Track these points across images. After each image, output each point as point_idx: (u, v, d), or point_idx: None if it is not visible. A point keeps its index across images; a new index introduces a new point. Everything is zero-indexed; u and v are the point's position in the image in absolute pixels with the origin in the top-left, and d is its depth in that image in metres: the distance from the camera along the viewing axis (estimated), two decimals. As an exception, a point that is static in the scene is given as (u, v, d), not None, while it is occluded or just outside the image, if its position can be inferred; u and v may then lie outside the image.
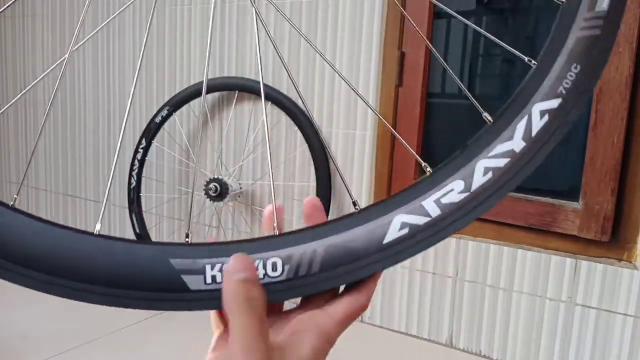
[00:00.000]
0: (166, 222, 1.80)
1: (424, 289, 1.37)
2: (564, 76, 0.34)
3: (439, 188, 0.33)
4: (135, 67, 1.81)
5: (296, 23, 1.48)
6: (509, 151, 0.33)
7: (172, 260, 0.30)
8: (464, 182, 0.33)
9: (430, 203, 0.33)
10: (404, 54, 1.35)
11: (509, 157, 0.33)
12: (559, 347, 1.22)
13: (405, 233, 0.32)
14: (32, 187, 2.18)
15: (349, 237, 0.32)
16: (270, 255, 0.31)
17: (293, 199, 1.54)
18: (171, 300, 0.30)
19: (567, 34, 0.34)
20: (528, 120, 0.33)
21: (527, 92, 0.34)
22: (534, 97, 0.34)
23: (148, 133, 1.64)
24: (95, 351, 1.26)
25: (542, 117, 0.33)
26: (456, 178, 0.33)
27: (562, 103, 0.33)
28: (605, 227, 1.15)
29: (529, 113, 0.34)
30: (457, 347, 1.34)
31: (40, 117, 2.11)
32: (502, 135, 0.34)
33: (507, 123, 0.34)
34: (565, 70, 0.34)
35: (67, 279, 0.29)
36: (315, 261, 0.31)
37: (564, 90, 0.34)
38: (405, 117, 1.37)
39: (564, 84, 0.34)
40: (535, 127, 0.33)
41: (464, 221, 0.33)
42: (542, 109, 0.34)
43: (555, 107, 0.33)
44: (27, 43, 2.10)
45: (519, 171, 0.33)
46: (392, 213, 0.33)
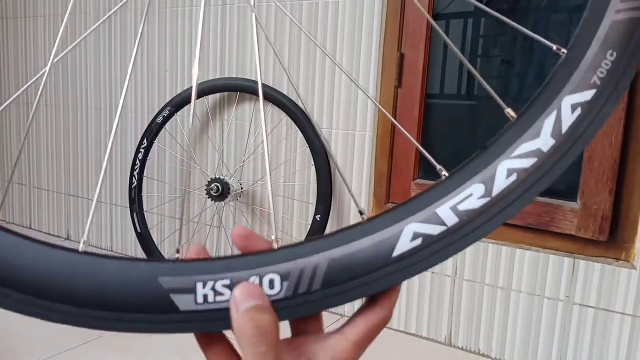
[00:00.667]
0: (167, 221, 1.81)
1: (423, 288, 1.38)
2: (599, 64, 0.30)
3: (455, 193, 0.30)
4: (136, 67, 1.82)
5: (296, 24, 1.49)
6: (536, 150, 0.30)
7: (161, 279, 0.28)
8: (485, 185, 0.30)
9: (446, 210, 0.29)
10: (403, 55, 1.36)
11: (536, 156, 0.30)
12: (557, 345, 1.23)
13: (418, 244, 0.29)
14: (34, 187, 2.19)
15: (354, 250, 0.29)
16: (268, 271, 0.28)
17: (293, 199, 1.55)
18: (159, 323, 0.27)
19: (602, 17, 0.31)
20: (557, 115, 0.30)
21: (555, 83, 0.31)
22: (564, 90, 0.30)
23: (149, 133, 1.65)
24: (93, 351, 1.27)
25: (574, 111, 0.30)
26: (475, 181, 0.30)
27: (597, 95, 0.30)
28: (603, 227, 1.16)
29: (558, 107, 0.30)
30: (455, 345, 1.35)
31: (41, 118, 2.12)
32: (528, 132, 0.30)
33: (533, 119, 0.30)
34: (600, 58, 0.30)
35: (45, 299, 0.27)
36: (317, 277, 0.28)
37: (599, 81, 0.30)
38: (405, 118, 1.38)
39: (599, 73, 0.30)
40: (565, 122, 0.30)
41: (485, 229, 0.29)
42: (573, 102, 0.30)
43: (589, 99, 0.30)
44: (29, 44, 2.11)
45: (548, 171, 0.30)
46: (403, 222, 0.29)
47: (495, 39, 1.36)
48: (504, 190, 0.30)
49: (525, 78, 1.27)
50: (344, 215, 1.47)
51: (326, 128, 1.48)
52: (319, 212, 1.44)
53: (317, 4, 1.45)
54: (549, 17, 1.24)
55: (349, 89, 1.43)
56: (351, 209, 1.46)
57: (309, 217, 1.53)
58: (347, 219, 1.47)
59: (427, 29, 1.33)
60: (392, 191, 1.42)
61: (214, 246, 1.72)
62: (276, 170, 1.58)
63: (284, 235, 1.58)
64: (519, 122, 0.31)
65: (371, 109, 1.40)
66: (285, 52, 1.52)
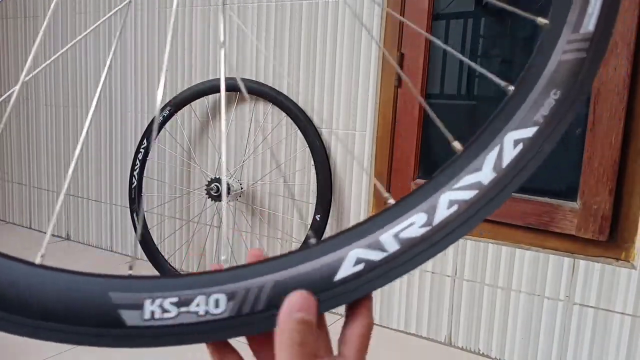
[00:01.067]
0: (167, 221, 1.81)
1: (423, 288, 1.38)
2: (542, 103, 0.32)
3: (399, 221, 0.31)
4: (136, 68, 1.82)
5: (296, 24, 1.49)
6: (477, 183, 0.31)
7: (112, 294, 0.29)
8: (427, 215, 0.31)
9: (389, 237, 0.30)
10: (403, 55, 1.36)
11: (477, 189, 0.31)
12: (557, 345, 1.23)
13: (360, 269, 0.30)
14: (34, 187, 2.19)
15: (300, 273, 0.30)
16: (214, 291, 0.29)
17: (293, 199, 1.55)
18: (107, 337, 0.28)
19: (549, 57, 0.32)
20: (500, 150, 0.31)
21: (500, 120, 0.32)
22: (508, 126, 0.32)
23: (150, 133, 1.65)
24: (92, 351, 1.27)
25: (516, 146, 0.31)
26: (419, 211, 0.31)
27: (538, 132, 0.31)
28: (603, 227, 1.16)
29: (501, 142, 0.32)
30: (455, 345, 1.35)
31: (41, 118, 2.12)
32: (470, 166, 0.32)
33: (476, 153, 0.32)
34: (544, 96, 0.32)
35: (0, 310, 0.28)
36: (261, 298, 0.29)
37: (542, 119, 0.31)
38: (405, 118, 1.38)
39: (542, 111, 0.31)
40: (507, 157, 0.31)
41: (425, 256, 0.31)
42: (516, 138, 0.31)
43: (531, 136, 0.31)
44: (29, 44, 2.11)
45: (488, 204, 0.31)
46: (347, 248, 0.30)
47: (495, 39, 1.37)
48: (444, 220, 0.31)
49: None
50: (343, 215, 1.47)
51: (326, 128, 1.48)
52: (319, 212, 1.44)
53: (317, 4, 1.45)
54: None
55: (349, 89, 1.43)
56: (351, 209, 1.47)
57: (309, 217, 1.53)
58: (347, 218, 1.47)
59: (427, 29, 1.33)
60: (392, 191, 1.42)
61: (214, 246, 1.72)
62: (276, 171, 1.58)
63: (284, 235, 1.58)
64: (464, 155, 0.32)
65: (371, 109, 1.40)
66: (285, 53, 1.52)
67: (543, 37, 0.33)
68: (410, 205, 0.31)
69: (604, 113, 1.14)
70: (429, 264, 1.36)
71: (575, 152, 1.22)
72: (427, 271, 1.37)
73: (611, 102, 1.13)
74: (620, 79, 1.12)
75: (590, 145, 1.16)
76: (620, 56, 1.11)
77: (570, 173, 1.23)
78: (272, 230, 1.60)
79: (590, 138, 1.16)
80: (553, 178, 1.26)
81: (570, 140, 1.24)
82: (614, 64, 1.12)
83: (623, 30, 1.11)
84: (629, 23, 1.10)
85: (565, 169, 1.24)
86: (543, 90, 0.32)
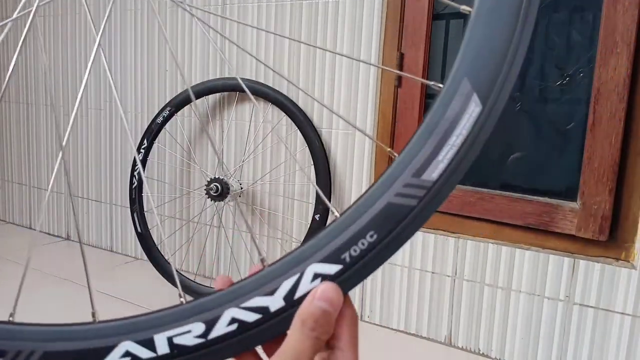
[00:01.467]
0: (167, 221, 1.81)
1: (423, 288, 1.38)
2: (355, 242, 0.30)
3: (179, 324, 0.30)
4: (135, 68, 1.82)
5: (296, 24, 1.49)
6: (263, 308, 0.30)
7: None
8: (205, 326, 0.30)
9: (162, 339, 0.30)
10: (403, 54, 1.36)
11: (261, 313, 0.30)
12: (557, 345, 1.23)
13: None
14: (34, 187, 2.19)
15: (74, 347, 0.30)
16: None
17: (293, 199, 1.55)
18: None
19: (382, 193, 0.30)
20: (298, 279, 0.30)
21: (310, 247, 0.30)
22: (314, 256, 0.30)
23: (150, 133, 1.65)
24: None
25: (314, 280, 0.30)
26: (200, 319, 0.30)
27: (340, 272, 0.30)
28: (603, 227, 1.16)
29: (301, 272, 0.30)
30: (455, 345, 1.35)
31: (42, 118, 2.12)
32: (264, 287, 0.30)
33: (274, 276, 0.30)
34: (360, 235, 0.30)
35: None
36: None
37: (349, 258, 0.30)
38: (405, 118, 1.38)
39: (352, 250, 0.30)
40: (302, 289, 0.30)
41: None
42: (317, 272, 0.30)
43: (332, 274, 0.30)
44: (30, 44, 2.11)
45: (265, 331, 0.30)
46: (121, 337, 0.30)
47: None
48: (220, 337, 0.30)
49: (525, 77, 1.28)
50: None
51: (326, 128, 1.48)
52: (319, 212, 1.44)
53: (317, 4, 1.45)
54: (548, 20, 1.25)
55: (349, 89, 1.43)
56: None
57: (308, 217, 1.53)
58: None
59: (427, 29, 1.33)
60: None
61: (214, 246, 1.72)
62: (276, 170, 1.58)
63: (284, 235, 1.58)
64: (262, 274, 0.31)
65: (371, 109, 1.40)
66: (285, 53, 1.52)
67: (386, 172, 0.31)
68: (195, 310, 0.30)
69: (604, 113, 1.14)
70: (429, 263, 1.36)
71: (575, 152, 1.22)
72: (427, 271, 1.37)
73: (611, 102, 1.13)
74: (621, 79, 1.12)
75: (590, 146, 1.16)
76: (620, 56, 1.11)
77: (570, 173, 1.23)
78: (272, 230, 1.60)
79: (590, 138, 1.16)
80: (553, 178, 1.26)
81: (570, 141, 1.24)
82: (614, 64, 1.12)
83: (623, 30, 1.11)
84: (629, 23, 1.10)
85: (565, 169, 1.24)
86: (361, 229, 0.30)
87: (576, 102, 1.22)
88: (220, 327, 0.30)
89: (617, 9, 1.11)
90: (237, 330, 0.30)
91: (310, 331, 0.29)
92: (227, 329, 0.30)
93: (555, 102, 1.25)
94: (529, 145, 1.29)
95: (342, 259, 0.30)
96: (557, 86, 1.24)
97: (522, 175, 1.29)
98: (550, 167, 1.26)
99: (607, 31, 1.12)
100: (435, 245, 1.35)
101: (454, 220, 1.33)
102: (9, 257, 1.82)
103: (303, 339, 0.28)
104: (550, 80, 1.25)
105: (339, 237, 0.30)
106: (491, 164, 1.33)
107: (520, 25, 0.30)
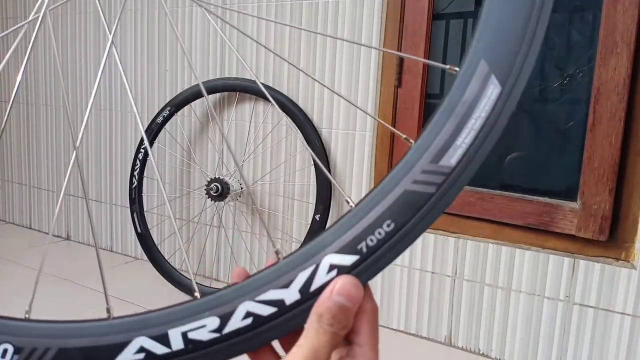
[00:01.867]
0: (167, 221, 1.81)
1: (423, 288, 1.38)
2: (371, 232, 0.29)
3: (193, 319, 0.29)
4: (135, 68, 1.82)
5: (296, 24, 1.49)
6: (279, 301, 0.29)
7: None
8: (220, 320, 0.29)
9: (177, 334, 0.29)
10: (403, 54, 1.36)
11: (277, 307, 0.29)
12: (557, 345, 1.23)
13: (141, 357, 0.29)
14: (34, 187, 2.19)
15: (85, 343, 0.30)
16: (5, 340, 0.30)
17: (293, 199, 1.55)
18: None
19: (398, 181, 0.29)
20: (313, 271, 0.29)
21: (325, 237, 0.29)
22: (330, 246, 0.29)
23: (150, 133, 1.65)
24: None
25: (330, 272, 0.29)
26: (214, 314, 0.29)
27: (357, 262, 0.29)
28: (603, 227, 1.16)
29: (317, 263, 0.29)
30: (455, 345, 1.35)
31: (42, 118, 2.12)
32: (279, 280, 0.29)
33: (289, 268, 0.29)
34: (376, 225, 0.29)
35: None
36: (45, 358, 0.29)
37: (365, 249, 0.29)
38: (405, 118, 1.38)
39: (368, 240, 0.29)
40: (317, 281, 0.29)
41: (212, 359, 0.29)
42: (332, 263, 0.29)
43: (348, 265, 0.29)
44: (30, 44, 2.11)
45: (281, 325, 0.29)
46: (135, 333, 0.29)
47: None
48: (235, 331, 0.29)
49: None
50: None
51: (326, 128, 1.48)
52: (319, 212, 1.44)
53: (317, 4, 1.45)
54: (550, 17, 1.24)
55: (349, 89, 1.43)
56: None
57: (308, 217, 1.53)
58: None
59: (427, 29, 1.33)
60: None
61: (214, 246, 1.72)
62: (276, 170, 1.58)
63: (284, 235, 1.58)
64: (277, 266, 0.30)
65: (371, 109, 1.40)
66: (285, 53, 1.52)
67: (403, 159, 0.30)
68: (209, 304, 0.30)
69: (604, 113, 1.14)
70: (429, 263, 1.36)
71: (575, 152, 1.22)
72: (427, 271, 1.37)
73: (611, 102, 1.13)
74: (621, 79, 1.12)
75: (590, 145, 1.16)
76: (620, 56, 1.11)
77: (570, 173, 1.23)
78: (272, 230, 1.60)
79: (590, 138, 1.16)
80: (553, 178, 1.26)
81: (570, 141, 1.24)
82: (614, 64, 1.12)
83: (623, 30, 1.11)
84: (629, 23, 1.10)
85: (565, 169, 1.24)
86: (377, 218, 0.29)
87: (576, 102, 1.22)
88: (235, 321, 0.29)
89: (617, 9, 1.11)
90: (252, 325, 0.29)
91: (327, 326, 0.28)
92: (242, 323, 0.29)
93: (555, 102, 1.25)
94: (529, 145, 1.29)
95: (359, 249, 0.29)
96: (557, 86, 1.24)
97: (522, 175, 1.29)
98: (550, 167, 1.26)
99: (607, 31, 1.12)
100: (435, 245, 1.35)
101: (454, 220, 1.33)
102: (9, 257, 1.82)
103: (320, 334, 0.28)
104: (550, 80, 1.25)
105: (354, 226, 0.29)
106: (491, 164, 1.33)
107: (539, 2, 0.29)
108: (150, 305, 1.51)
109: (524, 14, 0.29)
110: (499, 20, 0.29)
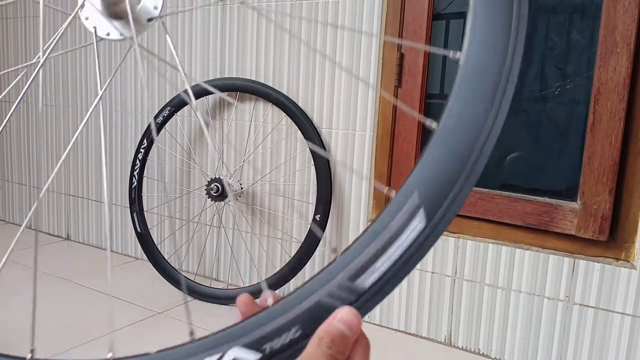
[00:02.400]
0: (167, 221, 1.81)
1: (423, 288, 1.38)
2: (279, 335, 0.30)
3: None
4: (135, 69, 1.82)
5: (296, 24, 1.49)
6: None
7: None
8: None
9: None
10: (403, 55, 1.36)
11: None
12: (557, 345, 1.23)
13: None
14: (34, 187, 2.19)
15: None
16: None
17: (293, 199, 1.55)
18: None
19: (315, 290, 0.30)
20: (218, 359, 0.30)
21: (239, 328, 0.30)
22: (241, 339, 0.30)
23: (149, 133, 1.65)
24: (90, 352, 1.27)
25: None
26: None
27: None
28: (603, 227, 1.16)
29: (223, 352, 0.30)
30: (455, 345, 1.35)
31: (42, 118, 2.12)
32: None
33: (198, 350, 0.30)
34: (284, 328, 0.30)
35: None
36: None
37: (269, 349, 0.30)
38: (405, 118, 1.38)
39: (274, 343, 0.30)
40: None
41: None
42: (236, 357, 0.30)
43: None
44: (29, 44, 2.11)
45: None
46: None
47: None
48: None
49: (525, 76, 1.28)
50: (343, 215, 1.48)
51: (326, 128, 1.48)
52: (319, 212, 1.44)
53: (317, 4, 1.45)
54: (548, 20, 1.25)
55: (349, 89, 1.43)
56: (351, 209, 1.46)
57: (309, 217, 1.53)
58: (347, 218, 1.47)
59: (427, 29, 1.33)
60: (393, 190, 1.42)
61: (214, 246, 1.72)
62: (276, 170, 1.58)
63: (284, 235, 1.58)
64: (189, 346, 0.31)
65: (371, 109, 1.40)
66: (285, 52, 1.52)
67: (332, 263, 0.31)
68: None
69: (604, 113, 1.14)
70: (428, 263, 1.36)
71: (575, 152, 1.22)
72: (427, 271, 1.37)
73: (611, 102, 1.13)
74: (621, 79, 1.12)
75: (590, 146, 1.16)
76: (620, 56, 1.11)
77: (570, 173, 1.23)
78: (272, 230, 1.60)
79: (590, 138, 1.16)
80: (553, 178, 1.26)
81: (570, 141, 1.24)
82: (614, 64, 1.12)
83: (623, 30, 1.11)
84: (629, 23, 1.10)
85: (565, 169, 1.24)
86: (287, 322, 0.30)
87: (576, 102, 1.22)
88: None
89: (617, 9, 1.11)
90: None
91: (326, 348, 0.29)
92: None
93: (555, 102, 1.25)
94: (529, 145, 1.30)
95: (263, 349, 0.30)
96: (557, 86, 1.24)
97: (522, 175, 1.30)
98: (551, 167, 1.26)
99: (607, 31, 1.12)
100: (435, 245, 1.35)
101: (454, 220, 1.33)
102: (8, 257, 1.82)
103: (319, 354, 0.29)
104: (550, 81, 1.25)
105: (265, 326, 0.30)
106: (491, 164, 1.33)
107: (474, 155, 0.30)
108: (150, 306, 1.51)
109: (462, 161, 0.30)
110: (438, 158, 0.31)
